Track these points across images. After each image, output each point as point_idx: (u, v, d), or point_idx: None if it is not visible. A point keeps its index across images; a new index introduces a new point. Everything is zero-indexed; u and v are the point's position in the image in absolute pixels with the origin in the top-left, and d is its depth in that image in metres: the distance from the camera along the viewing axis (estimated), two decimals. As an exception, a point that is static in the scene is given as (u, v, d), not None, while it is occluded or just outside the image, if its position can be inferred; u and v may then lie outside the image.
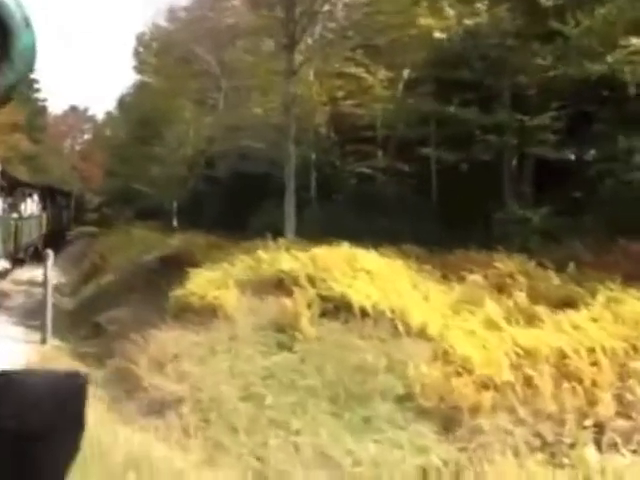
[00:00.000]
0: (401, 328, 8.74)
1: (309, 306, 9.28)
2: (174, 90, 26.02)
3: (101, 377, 11.03)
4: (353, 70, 17.55)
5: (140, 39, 29.62)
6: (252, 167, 21.54)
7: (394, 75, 17.59)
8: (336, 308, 9.26)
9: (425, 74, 15.95)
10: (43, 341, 12.99)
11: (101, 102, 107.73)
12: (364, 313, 9.03)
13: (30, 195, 26.98)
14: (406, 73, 17.19)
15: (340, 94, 18.00)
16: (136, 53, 29.68)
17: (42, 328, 13.25)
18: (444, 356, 8.04)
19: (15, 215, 22.26)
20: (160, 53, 28.06)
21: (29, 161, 47.84)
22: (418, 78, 16.69)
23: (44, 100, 62.47)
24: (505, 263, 10.56)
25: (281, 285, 10.02)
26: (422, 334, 8.65)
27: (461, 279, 10.43)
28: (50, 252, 12.92)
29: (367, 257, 10.35)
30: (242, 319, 9.52)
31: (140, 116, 28.25)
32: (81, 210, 66.39)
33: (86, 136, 77.86)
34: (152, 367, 9.43)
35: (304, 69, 16.68)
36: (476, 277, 10.36)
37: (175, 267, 15.67)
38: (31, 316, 15.67)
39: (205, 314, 9.78)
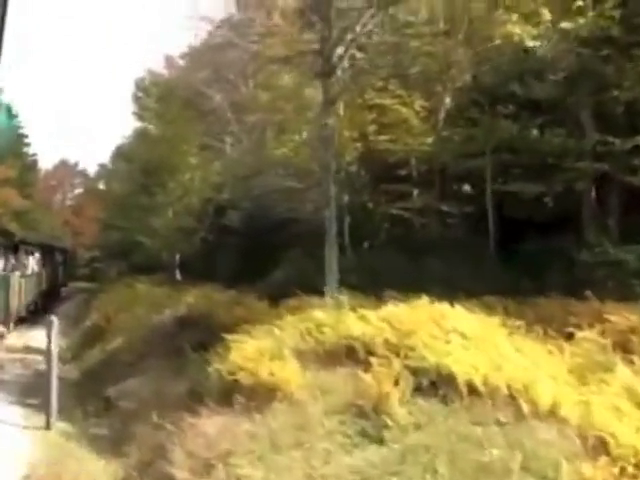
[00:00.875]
0: (525, 408, 6.69)
1: (396, 382, 7.21)
2: (178, 135, 24.27)
3: (122, 474, 8.93)
4: (387, 102, 15.82)
5: (139, 84, 27.98)
6: (269, 215, 19.64)
7: (432, 104, 15.89)
8: (432, 384, 7.20)
9: (469, 100, 14.22)
10: (47, 426, 10.80)
11: (92, 155, 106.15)
12: (472, 389, 6.97)
13: (32, 252, 26.35)
14: (448, 101, 15.47)
15: (372, 129, 16.24)
16: (136, 99, 28.02)
17: (45, 409, 11.06)
18: (602, 448, 5.98)
19: (19, 273, 21.04)
20: (162, 98, 26.38)
21: (20, 217, 45.87)
22: (460, 105, 14.97)
23: (34, 155, 60.95)
24: (621, 315, 8.59)
25: (353, 355, 7.98)
26: (554, 415, 6.61)
27: (568, 336, 8.44)
28: (54, 319, 10.83)
29: (455, 315, 8.33)
30: (310, 401, 7.44)
31: (141, 165, 26.42)
32: (72, 265, 64.25)
33: (77, 190, 76.02)
34: (195, 467, 7.31)
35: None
36: (588, 334, 8.37)
37: (197, 330, 13.61)
38: (30, 392, 13.47)
39: (260, 395, 7.69)
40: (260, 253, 19.33)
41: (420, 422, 6.79)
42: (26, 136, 55.95)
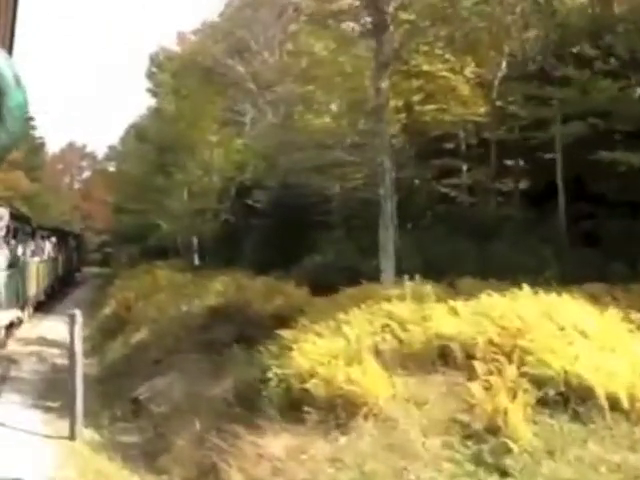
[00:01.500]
0: (688, 429, 5.27)
1: (514, 394, 5.78)
2: (196, 111, 22.75)
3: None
4: (434, 68, 14.29)
5: (154, 59, 26.45)
6: (301, 193, 18.19)
7: (485, 70, 14.36)
8: (560, 397, 5.77)
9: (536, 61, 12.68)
10: (72, 436, 9.42)
11: (100, 138, 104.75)
12: (614, 404, 5.54)
13: (49, 238, 25.80)
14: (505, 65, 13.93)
15: (417, 98, 14.72)
16: (150, 75, 26.50)
17: (69, 416, 9.68)
18: None
19: (38, 259, 20.62)
20: (178, 72, 24.86)
21: (29, 200, 44.56)
22: (522, 69, 13.42)
23: (41, 138, 59.56)
24: None
25: (447, 358, 6.55)
26: None
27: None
28: (77, 313, 9.43)
29: (566, 308, 6.88)
30: (402, 416, 6.03)
31: (157, 143, 24.94)
32: (83, 250, 63.38)
33: (85, 173, 74.64)
34: (263, 498, 5.93)
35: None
36: None
37: (232, 322, 12.21)
38: (49, 393, 12.13)
39: (338, 409, 6.27)
40: (291, 235, 17.88)
41: (552, 447, 5.37)
42: (32, 118, 54.55)
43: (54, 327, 20.59)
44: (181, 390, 10.82)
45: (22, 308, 18.97)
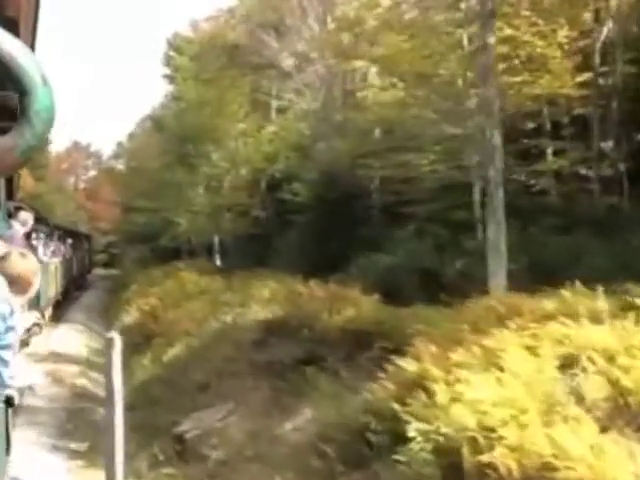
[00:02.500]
0: None
1: None
2: (220, 97, 20.53)
3: None
4: (519, 32, 12.04)
5: (171, 42, 24.20)
6: (349, 185, 16.00)
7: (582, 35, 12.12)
8: None
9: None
10: (109, 496, 7.19)
11: (105, 137, 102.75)
12: None
13: (65, 239, 24.64)
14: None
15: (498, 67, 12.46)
16: (167, 59, 24.24)
17: (106, 469, 7.45)
18: None
19: (56, 260, 19.58)
20: (198, 55, 22.61)
21: (34, 200, 42.35)
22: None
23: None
24: None
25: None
26: None
27: None
28: (116, 336, 7.16)
29: None
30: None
31: (177, 133, 22.68)
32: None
33: (91, 173, 72.43)
34: None
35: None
36: None
37: (294, 338, 9.99)
38: (71, 426, 9.93)
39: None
40: (339, 232, 15.69)
41: None
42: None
43: (66, 338, 18.37)
44: (241, 427, 8.62)
45: (42, 311, 17.11)
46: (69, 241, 26.25)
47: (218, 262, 25.38)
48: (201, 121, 20.65)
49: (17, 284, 2.26)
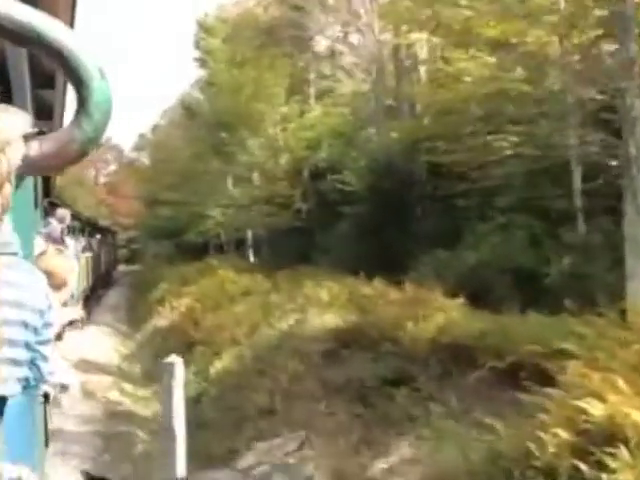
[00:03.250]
0: None
1: None
2: (257, 80, 18.87)
3: None
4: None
5: (202, 23, 22.54)
6: (410, 174, 14.32)
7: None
8: None
9: None
10: None
11: (125, 130, 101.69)
12: None
13: (94, 234, 23.99)
14: None
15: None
16: (198, 42, 22.60)
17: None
18: None
19: (89, 254, 19.17)
20: (232, 36, 20.96)
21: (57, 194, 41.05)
22: None
23: (64, 129, 56.30)
24: None
25: None
26: None
27: None
28: (178, 361, 5.53)
29: None
30: None
31: (210, 120, 21.03)
32: (112, 247, 60.12)
33: (111, 167, 71.17)
34: None
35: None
36: None
37: (379, 352, 8.32)
38: (108, 456, 8.36)
39: None
40: (399, 225, 14.01)
41: None
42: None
43: (95, 342, 16.86)
44: (320, 464, 6.98)
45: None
46: (97, 237, 25.03)
47: (251, 258, 23.80)
48: (237, 106, 18.99)
49: (52, 280, 2.27)
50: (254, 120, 19.05)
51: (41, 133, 1.09)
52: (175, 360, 5.37)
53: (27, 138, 0.91)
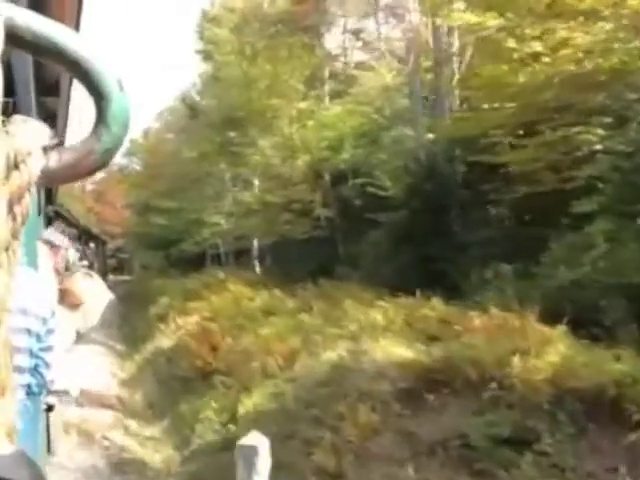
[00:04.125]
0: None
1: None
2: (270, 74, 16.98)
3: None
4: None
5: (206, 13, 20.57)
6: (452, 179, 12.45)
7: None
8: None
9: None
10: None
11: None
12: None
13: (88, 243, 23.18)
14: None
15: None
16: (201, 32, 20.63)
17: None
18: None
19: (85, 262, 17.01)
20: (240, 25, 19.02)
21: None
22: None
23: (52, 135, 54.25)
24: None
25: None
26: None
27: None
28: (263, 444, 3.55)
29: None
30: None
31: (216, 118, 19.03)
32: (98, 256, 57.71)
33: (100, 174, 69.02)
34: None
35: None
36: None
37: (487, 401, 6.34)
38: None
39: None
40: (448, 234, 12.13)
41: None
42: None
43: (88, 365, 14.78)
44: None
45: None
46: (91, 245, 23.25)
47: (257, 270, 21.83)
48: (248, 102, 17.05)
49: (70, 299, 2.58)
50: (267, 117, 17.10)
51: (59, 144, 0.85)
52: (258, 442, 3.39)
53: (46, 149, 0.80)
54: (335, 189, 16.29)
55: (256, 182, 17.85)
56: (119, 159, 64.61)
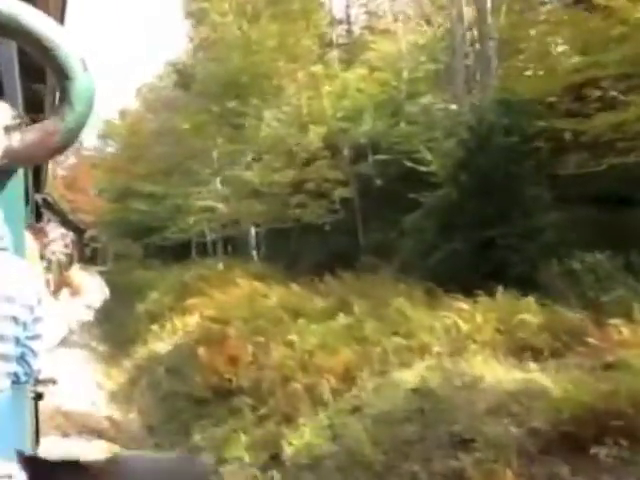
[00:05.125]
0: None
1: None
2: (282, 31, 14.68)
3: None
4: None
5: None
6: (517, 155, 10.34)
7: None
8: None
9: None
10: None
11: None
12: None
13: (68, 232, 19.29)
14: None
15: None
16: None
17: None
18: None
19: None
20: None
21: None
22: None
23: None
24: None
25: None
26: None
27: None
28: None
29: None
30: None
31: (212, 88, 16.58)
32: (69, 246, 54.85)
33: (71, 159, 65.85)
34: None
35: None
36: None
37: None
38: None
39: None
40: (512, 220, 9.99)
41: None
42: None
43: (70, 373, 12.44)
44: None
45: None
46: (70, 234, 20.64)
47: (255, 259, 19.59)
48: (252, 66, 14.71)
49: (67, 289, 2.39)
50: (273, 84, 14.80)
51: (22, 124, 1.01)
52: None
53: (9, 129, 0.88)
54: (354, 166, 14.09)
55: (261, 159, 15.50)
56: (93, 142, 61.77)
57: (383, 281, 10.81)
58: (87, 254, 55.80)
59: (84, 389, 11.81)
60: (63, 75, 1.04)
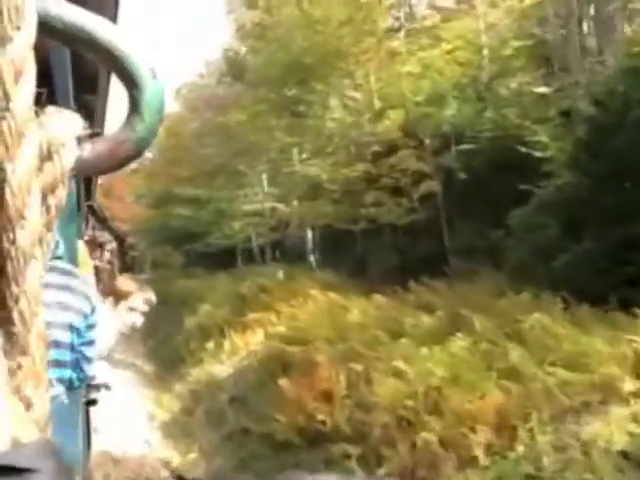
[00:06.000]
0: None
1: None
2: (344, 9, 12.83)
3: None
4: None
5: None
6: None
7: None
8: None
9: None
10: None
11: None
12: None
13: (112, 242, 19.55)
14: None
15: None
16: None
17: None
18: None
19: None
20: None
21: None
22: None
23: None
24: None
25: None
26: None
27: None
28: None
29: None
30: None
31: (270, 74, 14.63)
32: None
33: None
34: None
35: None
36: None
37: None
38: None
39: None
40: None
41: None
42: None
43: (118, 402, 10.65)
44: None
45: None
46: (113, 244, 19.77)
47: (314, 265, 17.76)
48: (316, 46, 12.85)
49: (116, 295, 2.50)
50: (341, 66, 12.91)
51: (94, 135, 0.89)
52: None
53: (80, 140, 0.82)
54: (436, 158, 12.15)
55: (322, 152, 13.59)
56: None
57: (489, 290, 8.85)
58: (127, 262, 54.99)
59: (134, 421, 10.06)
60: (133, 84, 0.88)
